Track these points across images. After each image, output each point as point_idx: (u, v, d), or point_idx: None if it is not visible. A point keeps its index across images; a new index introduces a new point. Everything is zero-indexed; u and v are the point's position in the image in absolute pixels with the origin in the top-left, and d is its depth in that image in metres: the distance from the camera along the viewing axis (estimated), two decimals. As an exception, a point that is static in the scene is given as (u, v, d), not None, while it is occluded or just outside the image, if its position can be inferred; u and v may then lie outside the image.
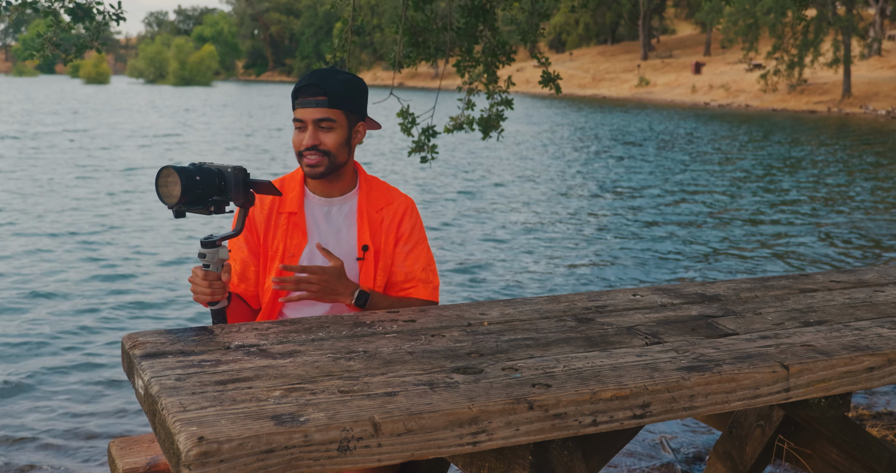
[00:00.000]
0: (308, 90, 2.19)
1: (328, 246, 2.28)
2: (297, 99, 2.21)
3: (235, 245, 2.30)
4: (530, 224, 10.75)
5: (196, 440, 1.31)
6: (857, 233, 10.56)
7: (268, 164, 17.73)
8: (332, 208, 2.31)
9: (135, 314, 6.31)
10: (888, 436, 3.81)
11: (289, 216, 2.29)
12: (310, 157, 2.22)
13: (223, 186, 2.00)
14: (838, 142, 25.49)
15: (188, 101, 48.94)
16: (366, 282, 2.29)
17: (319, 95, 2.19)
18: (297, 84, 2.23)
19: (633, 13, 77.31)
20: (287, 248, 2.26)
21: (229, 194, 2.01)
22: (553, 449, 1.72)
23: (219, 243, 2.05)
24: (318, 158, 2.22)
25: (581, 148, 22.43)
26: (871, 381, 1.87)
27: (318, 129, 2.21)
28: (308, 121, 2.20)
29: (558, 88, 5.47)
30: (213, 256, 2.05)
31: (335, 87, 2.20)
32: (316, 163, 2.22)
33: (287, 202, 2.29)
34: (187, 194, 1.93)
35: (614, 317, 2.14)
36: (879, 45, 51.32)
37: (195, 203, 1.97)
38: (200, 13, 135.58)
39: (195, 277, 2.08)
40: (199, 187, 1.95)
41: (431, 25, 5.48)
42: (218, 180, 2.00)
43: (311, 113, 2.20)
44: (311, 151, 2.21)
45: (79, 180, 14.07)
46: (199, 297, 2.10)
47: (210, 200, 1.99)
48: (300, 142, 2.22)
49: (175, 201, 1.93)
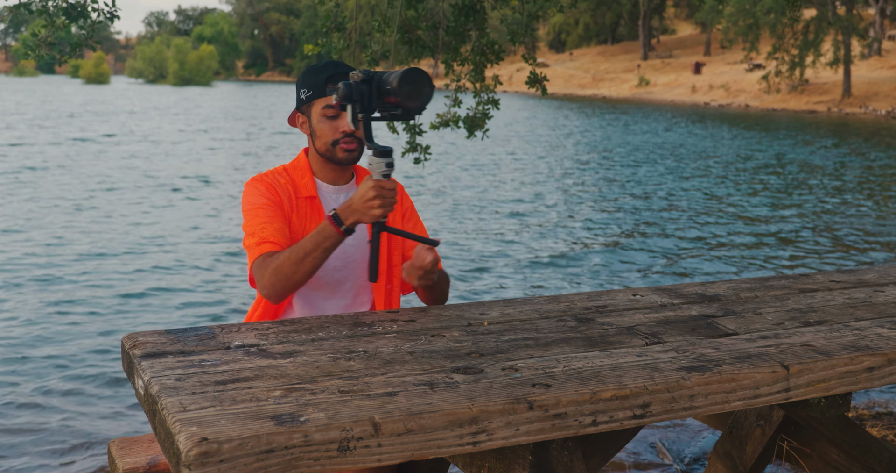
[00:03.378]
0: (342, 78, 2.18)
1: None
2: (329, 86, 2.19)
3: (272, 212, 2.21)
4: (530, 224, 10.75)
5: (196, 440, 1.31)
6: (857, 233, 10.56)
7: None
8: (340, 196, 2.33)
9: (135, 314, 6.31)
10: (888, 436, 3.81)
11: (309, 201, 2.28)
12: (349, 143, 2.22)
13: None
14: (838, 142, 25.49)
15: (194, 101, 48.94)
16: (381, 263, 2.31)
17: None
18: (325, 71, 2.22)
19: (633, 13, 77.31)
20: (306, 232, 2.25)
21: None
22: (553, 449, 1.72)
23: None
24: (355, 143, 2.24)
25: (581, 148, 22.43)
26: (871, 381, 1.87)
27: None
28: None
29: (544, 90, 5.47)
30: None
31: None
32: (354, 148, 2.24)
33: (302, 188, 2.29)
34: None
35: (614, 317, 2.14)
36: (879, 45, 51.33)
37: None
38: (200, 13, 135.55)
39: (387, 187, 2.01)
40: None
41: (421, 23, 5.49)
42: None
43: None
44: (349, 136, 2.22)
45: (79, 181, 14.07)
46: (388, 208, 2.03)
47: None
48: (335, 128, 2.22)
49: (427, 102, 1.97)
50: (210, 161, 17.85)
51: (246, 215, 2.22)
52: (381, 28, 5.32)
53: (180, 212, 11.19)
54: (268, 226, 2.17)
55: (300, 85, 2.27)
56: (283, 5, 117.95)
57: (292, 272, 2.08)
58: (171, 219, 10.62)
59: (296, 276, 2.08)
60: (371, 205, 2.01)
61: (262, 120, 32.74)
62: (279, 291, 2.10)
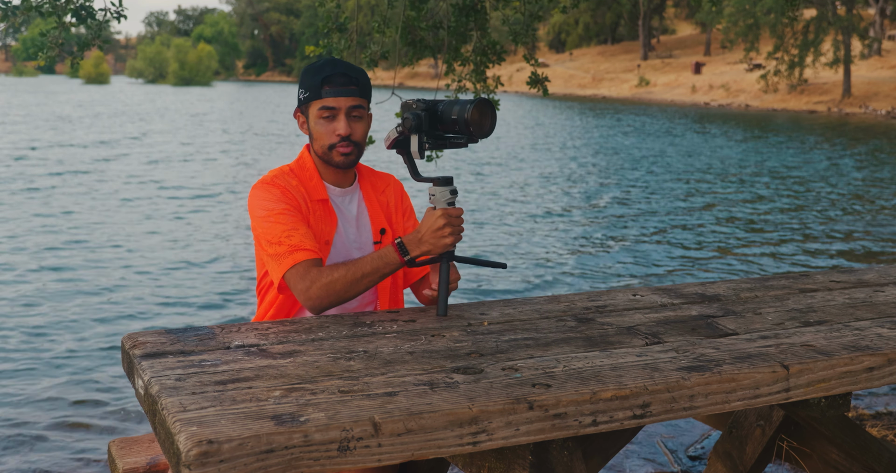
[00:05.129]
0: (338, 79, 2.15)
1: (350, 233, 2.27)
2: (325, 87, 2.15)
3: (294, 217, 2.16)
4: (530, 224, 10.75)
5: (196, 440, 1.31)
6: (857, 233, 10.56)
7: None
8: (346, 197, 2.30)
9: (135, 314, 6.31)
10: (888, 436, 3.81)
11: (321, 204, 2.24)
12: (345, 147, 2.18)
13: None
14: (838, 142, 25.49)
15: (196, 100, 48.95)
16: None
17: (350, 85, 2.15)
18: (321, 72, 2.16)
19: (633, 13, 77.30)
20: (321, 235, 2.22)
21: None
22: (553, 449, 1.72)
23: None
24: (351, 147, 2.19)
25: (581, 148, 22.43)
26: (871, 381, 1.87)
27: (350, 118, 2.17)
28: (342, 109, 2.16)
29: (545, 90, 5.47)
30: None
31: (361, 75, 2.18)
32: (350, 152, 2.20)
33: (312, 190, 2.24)
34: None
35: (614, 317, 2.14)
36: (879, 45, 51.33)
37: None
38: (200, 13, 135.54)
39: (455, 214, 2.02)
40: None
41: (422, 23, 5.48)
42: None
43: (345, 101, 2.16)
44: (346, 140, 2.18)
45: (79, 180, 14.07)
46: (458, 237, 2.03)
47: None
48: (332, 131, 2.18)
49: (491, 132, 2.01)
50: (211, 161, 17.85)
51: (264, 221, 2.14)
52: (381, 29, 5.31)
53: (180, 212, 11.19)
54: (294, 233, 2.11)
55: (300, 84, 2.23)
56: (283, 5, 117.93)
57: (345, 291, 2.06)
58: (171, 219, 10.62)
59: (348, 294, 2.07)
60: (441, 234, 2.00)
61: (263, 120, 32.74)
62: (326, 305, 2.08)
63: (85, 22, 3.91)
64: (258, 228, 2.15)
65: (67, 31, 3.91)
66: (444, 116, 2.03)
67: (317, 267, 2.08)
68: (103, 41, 4.12)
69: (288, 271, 2.08)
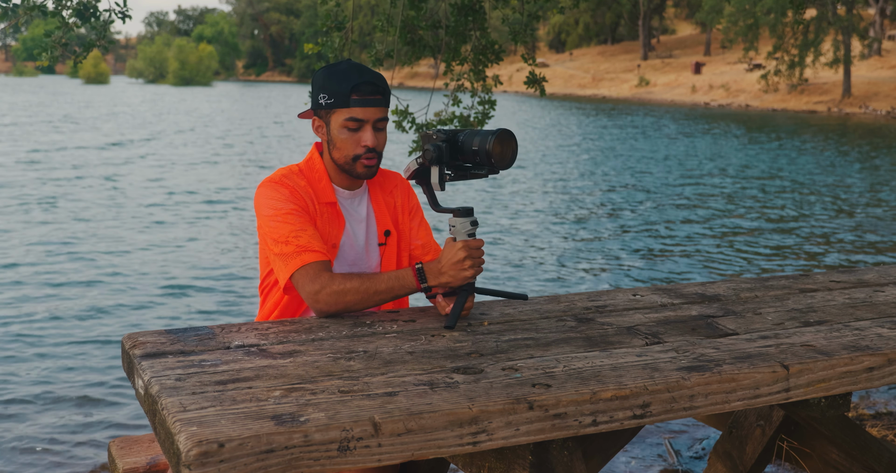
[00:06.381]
0: (366, 88, 2.11)
1: (358, 235, 2.26)
2: (353, 96, 2.10)
3: (302, 218, 2.15)
4: (529, 224, 10.75)
5: (196, 440, 1.31)
6: (857, 233, 10.56)
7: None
8: (354, 200, 2.29)
9: (135, 314, 6.32)
10: (888, 436, 3.81)
11: (329, 207, 2.23)
12: (370, 158, 2.16)
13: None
14: (838, 142, 25.49)
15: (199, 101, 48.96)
16: (388, 266, 2.29)
17: (377, 94, 2.13)
18: (348, 79, 2.11)
19: (633, 13, 77.30)
20: (328, 237, 2.21)
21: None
22: (553, 449, 1.72)
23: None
24: (375, 159, 2.17)
25: (580, 148, 22.43)
26: (871, 381, 1.87)
27: (374, 129, 2.15)
28: (370, 121, 2.13)
29: (543, 91, 5.47)
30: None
31: (384, 83, 2.16)
32: (374, 164, 2.18)
33: (321, 193, 2.22)
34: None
35: (614, 317, 2.14)
36: (879, 45, 51.33)
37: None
38: (200, 13, 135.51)
39: (475, 246, 2.03)
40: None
41: (421, 22, 5.49)
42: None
43: (373, 113, 2.13)
44: (371, 151, 2.15)
45: (79, 181, 14.07)
46: (478, 269, 2.04)
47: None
48: (357, 142, 2.14)
49: (513, 163, 2.02)
50: (211, 162, 17.85)
51: (271, 220, 2.11)
52: (385, 28, 5.31)
53: (181, 212, 11.19)
54: (302, 233, 2.09)
55: (320, 87, 2.16)
56: (283, 5, 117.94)
57: (355, 302, 2.06)
58: (172, 219, 10.62)
59: (357, 307, 2.07)
60: (462, 267, 2.00)
61: (263, 120, 32.74)
62: (333, 312, 2.07)
63: (88, 22, 3.91)
64: (265, 226, 2.13)
65: (70, 32, 3.91)
66: (464, 147, 2.02)
67: (328, 271, 2.06)
68: (109, 41, 4.12)
69: (296, 272, 2.06)
